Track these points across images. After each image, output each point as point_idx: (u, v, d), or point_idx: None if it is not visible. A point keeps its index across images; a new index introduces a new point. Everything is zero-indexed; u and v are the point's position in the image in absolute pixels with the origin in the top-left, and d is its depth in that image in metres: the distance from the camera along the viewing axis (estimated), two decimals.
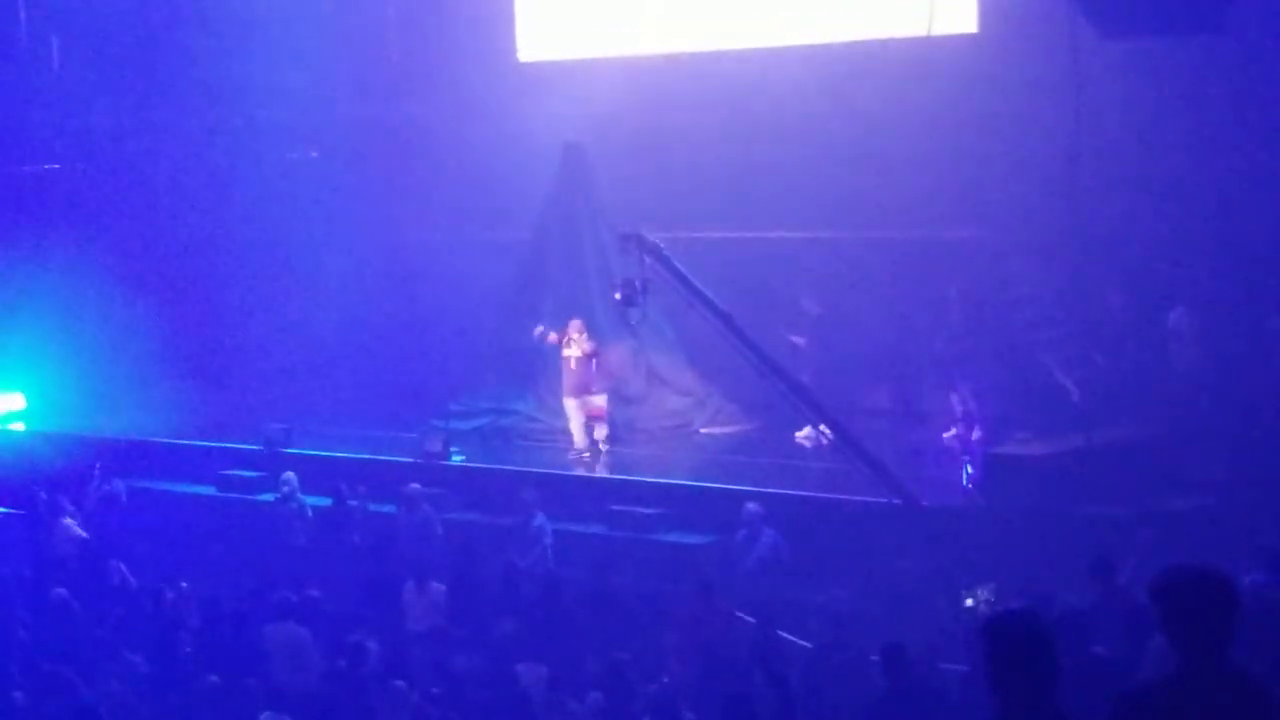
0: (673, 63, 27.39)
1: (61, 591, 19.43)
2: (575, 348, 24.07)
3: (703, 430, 25.48)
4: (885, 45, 25.41)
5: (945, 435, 23.37)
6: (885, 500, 19.33)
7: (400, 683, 15.84)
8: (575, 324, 24.21)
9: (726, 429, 25.37)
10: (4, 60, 30.44)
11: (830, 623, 16.64)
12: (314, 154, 30.29)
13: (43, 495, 23.34)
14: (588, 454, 24.14)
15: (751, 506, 19.57)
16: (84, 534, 22.67)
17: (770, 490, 20.73)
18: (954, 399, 23.41)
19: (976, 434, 22.80)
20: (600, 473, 23.48)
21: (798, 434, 23.96)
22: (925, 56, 24.63)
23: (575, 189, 26.36)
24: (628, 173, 26.29)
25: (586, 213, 26.23)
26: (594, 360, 24.12)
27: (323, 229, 29.84)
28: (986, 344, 23.39)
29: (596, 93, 26.74)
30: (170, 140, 30.87)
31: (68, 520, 22.90)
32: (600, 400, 24.35)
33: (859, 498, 19.68)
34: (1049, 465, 19.56)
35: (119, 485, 24.45)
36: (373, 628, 18.30)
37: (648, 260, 20.62)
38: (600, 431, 24.31)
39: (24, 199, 30.97)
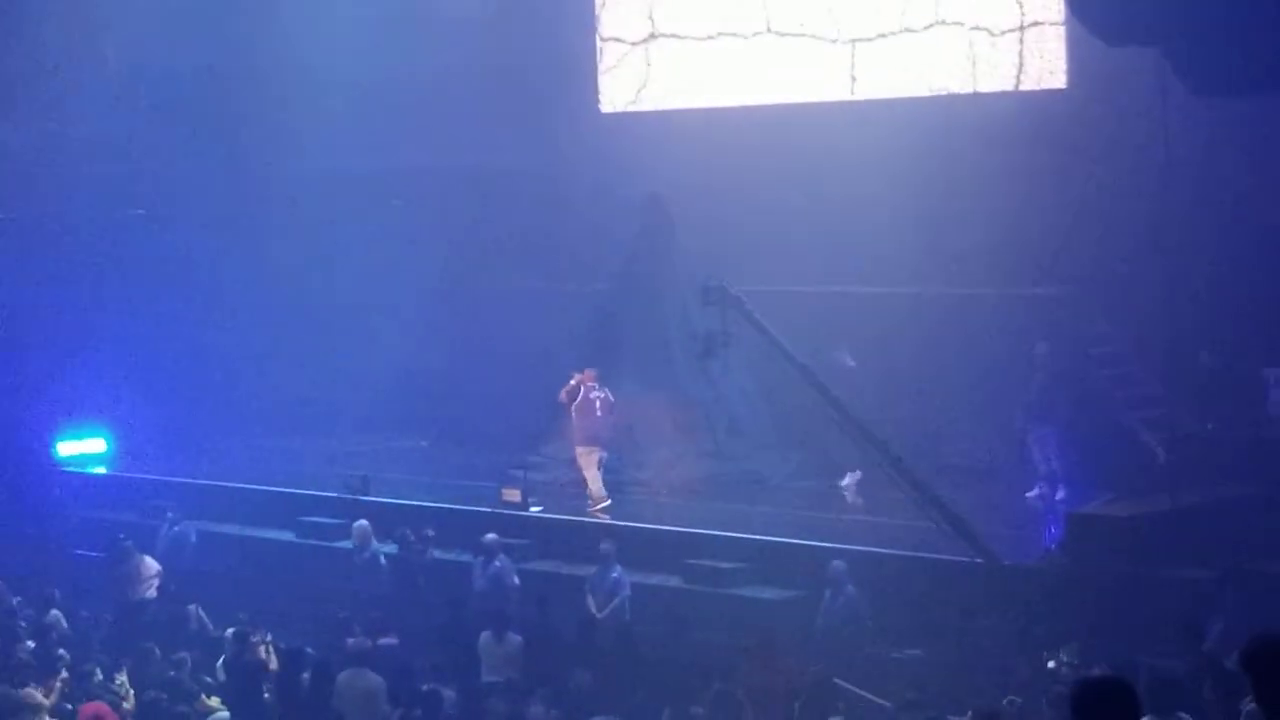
0: (754, 115, 27.34)
1: (150, 645, 19.58)
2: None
3: (782, 485, 25.29)
4: (973, 99, 25.30)
5: (1028, 494, 23.14)
6: (967, 559, 19.11)
7: None
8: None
9: (805, 483, 25.19)
10: (91, 107, 30.65)
11: (910, 682, 16.44)
12: (397, 203, 30.36)
13: (124, 540, 23.40)
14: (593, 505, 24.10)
15: (837, 564, 19.38)
16: (159, 566, 22.82)
17: (850, 546, 20.53)
18: (1037, 457, 23.19)
19: (1060, 493, 22.57)
20: (679, 525, 23.31)
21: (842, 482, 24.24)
22: (1013, 111, 24.50)
23: (656, 239, 26.35)
24: (708, 224, 26.25)
25: (667, 263, 26.19)
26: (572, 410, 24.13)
27: (405, 278, 29.89)
28: (1071, 403, 23.15)
29: (678, 144, 26.75)
30: (253, 188, 30.99)
31: (148, 559, 23.05)
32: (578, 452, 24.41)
33: (940, 556, 19.45)
34: (1133, 526, 19.35)
35: (189, 527, 24.55)
36: (448, 677, 18.22)
37: (730, 312, 20.51)
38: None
39: (110, 246, 31.18)
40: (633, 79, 29.18)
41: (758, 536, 22.21)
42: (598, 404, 24.12)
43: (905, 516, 19.91)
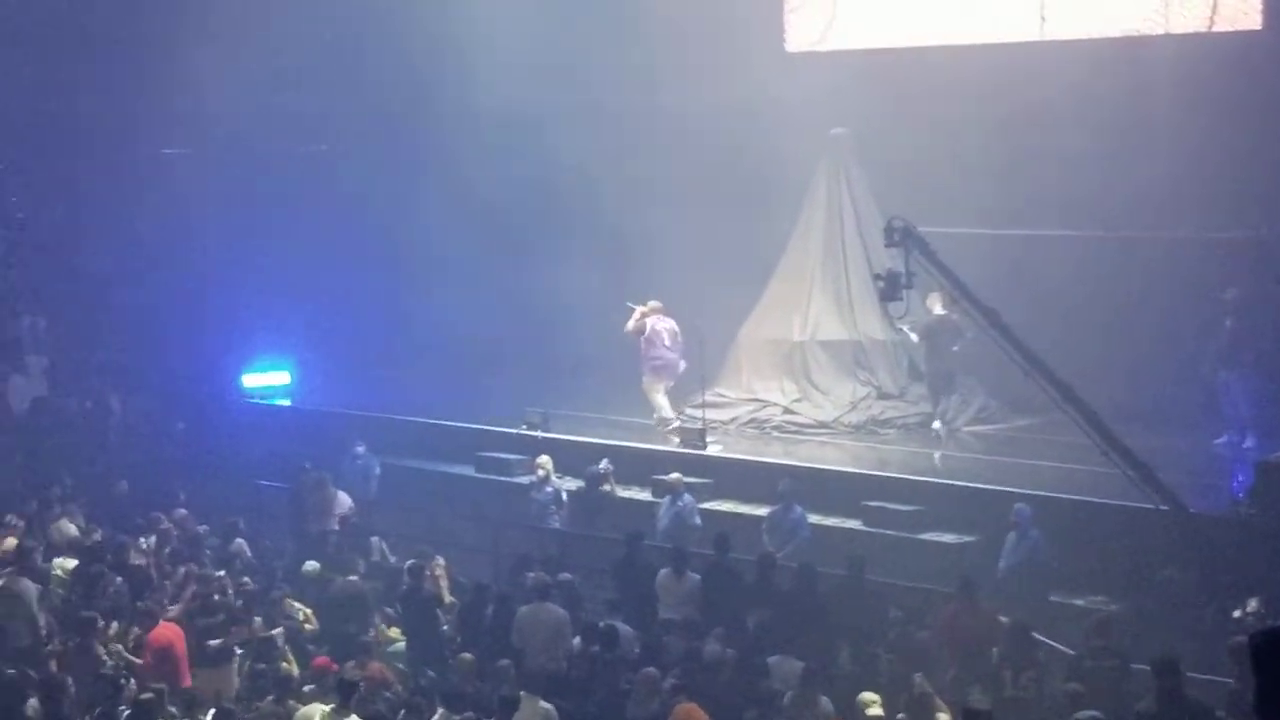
0: (940, 55, 27.05)
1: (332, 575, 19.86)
2: None
3: (965, 428, 25.06)
4: (1165, 41, 24.85)
5: (1216, 441, 22.76)
6: (1152, 506, 18.84)
7: (652, 669, 15.80)
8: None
9: (989, 427, 24.95)
10: (262, 46, 30.92)
11: (1094, 629, 16.24)
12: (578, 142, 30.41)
13: (317, 471, 23.66)
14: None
15: (1021, 507, 19.17)
16: (350, 501, 23.04)
17: (1033, 492, 20.28)
18: (1226, 404, 22.81)
19: (1248, 441, 22.18)
20: (859, 467, 23.17)
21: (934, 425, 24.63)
22: (1206, 53, 24.04)
23: (839, 179, 26.18)
24: (892, 164, 26.02)
25: (849, 204, 26.03)
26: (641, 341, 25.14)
27: (584, 217, 29.91)
28: (1263, 349, 22.73)
29: (863, 84, 26.53)
30: (438, 128, 31.16)
31: (340, 493, 23.30)
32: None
33: (1125, 502, 19.18)
34: None
35: (373, 460, 24.80)
36: (626, 613, 18.29)
37: (913, 253, 20.29)
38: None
39: (295, 182, 31.53)
40: (819, 18, 29.01)
41: (937, 480, 22.07)
42: (665, 334, 24.96)
43: (1090, 462, 19.61)
